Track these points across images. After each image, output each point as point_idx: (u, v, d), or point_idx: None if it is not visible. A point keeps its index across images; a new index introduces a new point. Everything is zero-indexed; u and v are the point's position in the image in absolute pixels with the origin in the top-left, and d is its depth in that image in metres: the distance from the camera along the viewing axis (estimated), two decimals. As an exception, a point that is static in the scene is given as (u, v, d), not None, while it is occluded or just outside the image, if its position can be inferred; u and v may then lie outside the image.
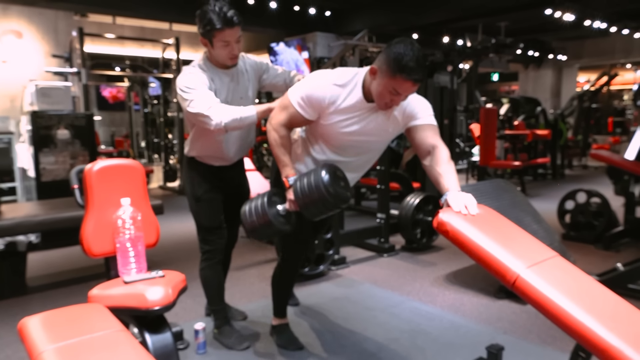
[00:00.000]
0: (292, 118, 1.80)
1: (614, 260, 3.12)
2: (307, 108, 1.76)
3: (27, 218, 2.86)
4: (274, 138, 1.82)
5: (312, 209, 1.73)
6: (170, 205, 5.45)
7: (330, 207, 1.73)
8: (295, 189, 1.74)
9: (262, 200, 1.81)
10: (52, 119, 4.23)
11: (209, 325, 2.36)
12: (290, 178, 1.79)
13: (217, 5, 1.91)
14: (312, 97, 1.74)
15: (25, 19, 6.72)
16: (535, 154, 7.62)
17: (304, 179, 1.73)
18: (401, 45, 1.60)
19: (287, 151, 1.83)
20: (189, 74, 1.98)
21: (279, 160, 1.84)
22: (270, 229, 1.81)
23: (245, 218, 1.82)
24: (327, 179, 1.68)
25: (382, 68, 1.64)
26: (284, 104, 1.81)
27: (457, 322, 2.51)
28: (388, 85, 1.64)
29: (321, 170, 1.71)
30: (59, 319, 1.46)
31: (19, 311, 2.68)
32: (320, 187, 1.67)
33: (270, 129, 1.83)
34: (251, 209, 1.81)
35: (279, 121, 1.81)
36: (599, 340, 1.14)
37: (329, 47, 8.32)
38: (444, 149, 1.73)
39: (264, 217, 1.78)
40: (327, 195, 1.67)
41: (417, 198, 3.78)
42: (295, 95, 1.77)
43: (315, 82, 1.77)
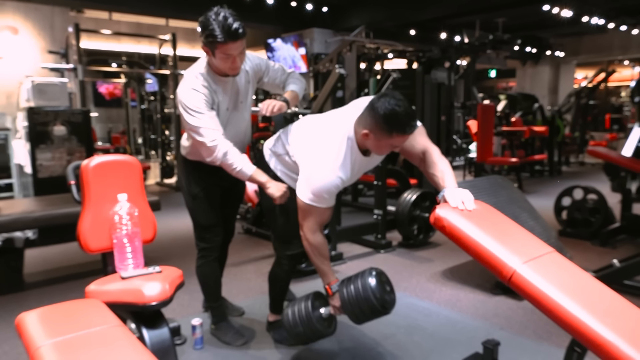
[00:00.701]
0: (319, 215, 1.80)
1: (610, 257, 3.13)
2: (323, 199, 1.76)
3: (24, 214, 2.86)
4: (309, 249, 1.84)
5: (360, 315, 1.75)
6: (167, 201, 5.44)
7: (378, 314, 1.75)
8: (342, 297, 1.76)
9: (305, 305, 1.83)
10: (48, 115, 4.21)
11: (206, 320, 2.36)
12: (333, 285, 1.82)
13: (221, 14, 1.78)
14: (323, 190, 1.74)
15: (21, 15, 6.68)
16: (532, 150, 7.63)
17: (350, 285, 1.75)
18: (385, 102, 1.59)
19: (325, 260, 1.85)
20: (192, 92, 1.90)
21: (318, 269, 1.86)
22: (314, 335, 1.84)
23: (289, 325, 1.84)
24: (375, 287, 1.70)
25: (374, 131, 1.64)
26: (303, 209, 1.80)
27: (454, 318, 2.52)
28: (386, 143, 1.67)
29: (368, 277, 1.72)
30: (56, 315, 1.46)
31: (16, 307, 2.68)
32: (368, 295, 1.69)
33: (305, 241, 1.83)
34: (294, 314, 1.83)
35: (309, 228, 1.81)
36: (594, 336, 1.15)
37: (326, 43, 8.30)
38: (434, 149, 1.76)
39: (308, 323, 1.80)
40: (375, 303, 1.69)
41: (414, 194, 3.79)
42: (306, 197, 1.76)
43: (317, 177, 1.74)
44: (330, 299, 1.83)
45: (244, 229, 4.29)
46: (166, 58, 7.01)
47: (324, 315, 1.84)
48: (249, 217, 4.38)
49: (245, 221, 4.41)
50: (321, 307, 1.85)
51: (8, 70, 6.48)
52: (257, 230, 4.17)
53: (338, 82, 3.28)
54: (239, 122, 2.13)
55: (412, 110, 1.64)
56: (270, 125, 7.19)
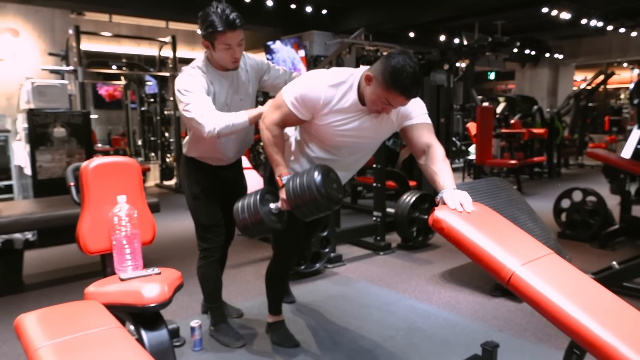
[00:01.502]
0: (286, 117, 1.79)
1: (609, 259, 3.14)
2: (300, 108, 1.75)
3: (23, 216, 2.86)
4: (267, 137, 1.81)
5: (304, 209, 1.73)
6: (166, 203, 5.45)
7: (322, 208, 1.72)
8: (288, 188, 1.73)
9: (254, 198, 1.80)
10: (48, 117, 4.22)
11: (205, 322, 2.36)
12: (284, 177, 1.79)
13: (220, 7, 1.87)
14: (306, 97, 1.73)
15: (22, 17, 6.70)
16: (531, 152, 7.64)
17: (296, 179, 1.72)
18: (400, 58, 1.58)
19: (280, 150, 1.83)
20: (188, 76, 1.96)
21: (272, 159, 1.83)
22: (261, 227, 1.81)
23: (238, 215, 1.82)
24: (320, 180, 1.67)
25: (377, 78, 1.63)
26: (278, 103, 1.80)
27: (453, 320, 2.52)
28: (382, 95, 1.63)
29: (314, 171, 1.70)
30: (55, 316, 1.46)
31: (15, 308, 2.67)
32: (312, 187, 1.67)
33: (263, 127, 1.82)
34: (243, 206, 1.81)
35: (272, 120, 1.80)
36: (593, 338, 1.15)
37: (326, 46, 8.32)
38: (439, 148, 1.73)
39: (255, 215, 1.78)
40: (318, 196, 1.67)
41: (413, 196, 3.79)
42: (289, 94, 1.76)
43: (309, 82, 1.75)
44: (280, 191, 1.80)
45: (244, 231, 4.29)
46: (166, 60, 7.03)
47: (274, 210, 1.82)
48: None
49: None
50: (271, 202, 1.83)
51: (8, 72, 6.50)
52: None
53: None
54: None
55: (420, 78, 1.61)
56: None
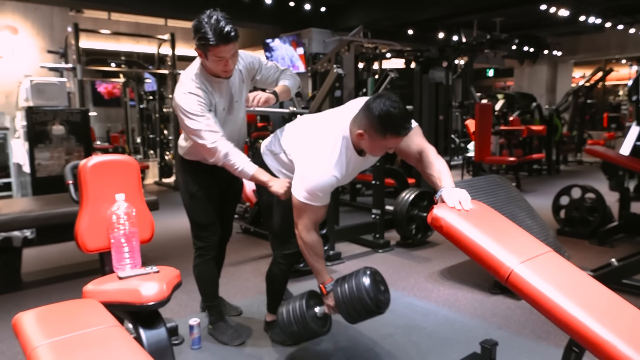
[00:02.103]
0: (312, 214, 1.79)
1: (608, 256, 3.14)
2: (318, 199, 1.76)
3: (22, 214, 2.85)
4: (304, 248, 1.84)
5: (354, 314, 1.75)
6: (165, 200, 5.44)
7: (372, 314, 1.74)
8: (337, 296, 1.76)
9: (299, 304, 1.83)
10: (47, 114, 4.21)
11: (203, 320, 2.36)
12: (327, 285, 1.82)
13: (214, 17, 1.79)
14: (318, 189, 1.74)
15: (21, 15, 6.67)
16: (530, 149, 7.64)
17: (344, 285, 1.75)
18: (380, 103, 1.59)
19: (319, 259, 1.85)
20: (189, 95, 1.90)
21: (312, 268, 1.86)
22: (309, 334, 1.84)
23: (284, 324, 1.83)
24: (369, 286, 1.69)
25: (369, 131, 1.64)
26: (298, 208, 1.80)
27: (452, 318, 2.52)
28: (380, 144, 1.67)
29: (362, 277, 1.72)
30: (53, 315, 1.46)
31: (13, 306, 2.67)
32: (362, 295, 1.69)
33: (300, 240, 1.84)
34: (289, 312, 1.83)
35: (304, 226, 1.80)
36: (592, 335, 1.15)
37: (324, 43, 8.30)
38: (430, 149, 1.77)
39: (303, 322, 1.80)
40: (369, 303, 1.69)
41: (412, 194, 3.79)
42: (300, 195, 1.76)
43: (313, 175, 1.74)
44: (325, 298, 1.83)
45: (242, 229, 4.29)
46: (165, 58, 7.01)
47: (319, 315, 1.84)
48: (247, 216, 4.37)
49: (243, 221, 4.40)
50: (316, 306, 1.85)
51: (7, 69, 6.48)
52: (255, 230, 4.17)
53: (336, 81, 3.28)
54: (234, 122, 2.13)
55: (407, 112, 1.64)
56: (268, 125, 7.19)
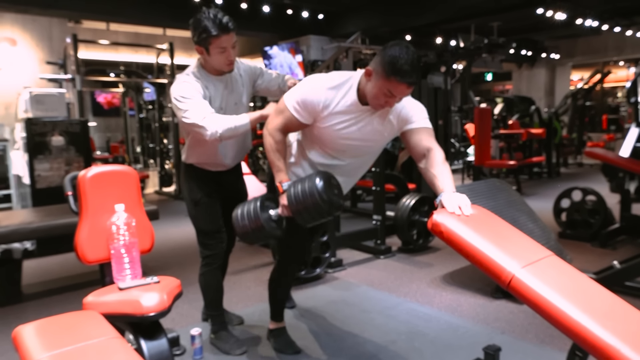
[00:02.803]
0: (288, 122, 1.80)
1: (610, 258, 3.13)
2: (302, 112, 1.77)
3: (22, 225, 2.85)
4: (269, 143, 1.83)
5: (305, 215, 1.73)
6: (166, 210, 5.43)
7: (323, 214, 1.73)
8: (289, 194, 1.74)
9: (254, 205, 1.80)
10: (46, 125, 4.21)
11: (205, 330, 2.35)
12: (284, 183, 1.79)
13: (211, 12, 1.90)
14: (306, 100, 1.75)
15: (20, 27, 6.71)
16: (530, 152, 7.65)
17: (297, 185, 1.73)
18: (396, 47, 1.61)
19: (282, 156, 1.84)
20: (183, 83, 1.98)
21: (273, 165, 1.84)
22: (261, 234, 1.80)
23: (237, 222, 1.81)
24: (321, 186, 1.68)
25: (377, 70, 1.64)
26: (280, 109, 1.82)
27: (455, 323, 2.51)
28: (383, 87, 1.64)
29: (315, 177, 1.71)
30: (53, 327, 1.45)
31: (14, 319, 2.66)
32: (314, 193, 1.67)
33: (266, 133, 1.83)
34: (243, 212, 1.81)
35: (274, 126, 1.82)
36: (595, 340, 1.14)
37: (323, 50, 8.33)
38: (439, 151, 1.74)
39: (256, 221, 1.78)
40: (320, 202, 1.67)
41: (413, 199, 3.79)
42: (291, 99, 1.78)
43: (309, 85, 1.78)
44: (280, 197, 1.80)
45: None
46: (164, 67, 7.04)
47: (274, 217, 1.82)
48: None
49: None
50: (270, 209, 1.83)
51: (6, 81, 6.50)
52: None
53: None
54: None
55: (417, 64, 1.63)
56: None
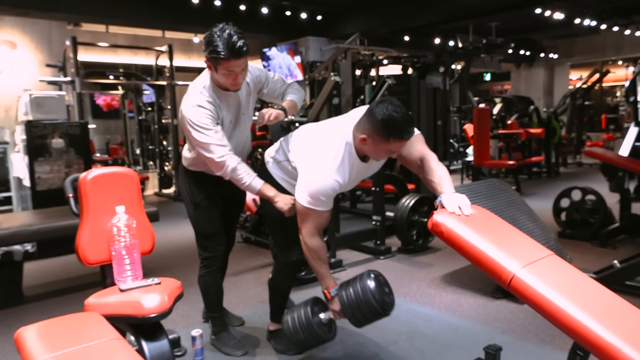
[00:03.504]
0: (316, 218, 1.81)
1: (610, 257, 3.13)
2: (321, 202, 1.78)
3: (22, 227, 2.85)
4: (307, 253, 1.85)
5: (360, 318, 1.76)
6: (165, 211, 5.44)
7: (378, 316, 1.75)
8: (342, 300, 1.76)
9: (305, 311, 1.83)
10: (46, 128, 4.22)
11: (206, 331, 2.35)
12: (331, 290, 1.83)
13: (227, 31, 1.81)
14: (320, 194, 1.76)
15: (19, 30, 6.71)
16: (529, 152, 7.65)
17: (349, 289, 1.75)
18: (383, 108, 1.62)
19: (323, 263, 1.86)
20: (198, 108, 1.92)
21: (316, 272, 1.87)
22: (315, 341, 1.85)
23: (290, 332, 1.84)
24: (375, 288, 1.70)
25: (372, 136, 1.67)
26: (301, 213, 1.82)
27: (455, 323, 2.51)
28: (383, 148, 1.69)
29: (366, 279, 1.73)
30: (55, 329, 1.45)
31: (15, 321, 2.66)
32: (368, 298, 1.70)
33: (304, 245, 1.85)
34: (294, 319, 1.83)
35: (308, 231, 1.82)
36: (596, 339, 1.14)
37: (321, 51, 8.34)
38: (431, 155, 1.77)
39: (309, 329, 1.81)
40: (375, 305, 1.70)
41: (412, 199, 3.79)
42: (304, 200, 1.78)
43: (315, 180, 1.77)
44: (330, 303, 1.83)
45: (243, 238, 4.29)
46: (163, 69, 7.04)
47: (324, 321, 1.84)
48: (248, 225, 4.37)
49: (244, 230, 4.40)
50: (321, 313, 1.85)
51: (6, 84, 6.50)
52: (256, 239, 4.17)
53: (334, 89, 3.30)
54: (241, 134, 2.15)
55: (410, 117, 1.66)
56: (267, 134, 7.20)
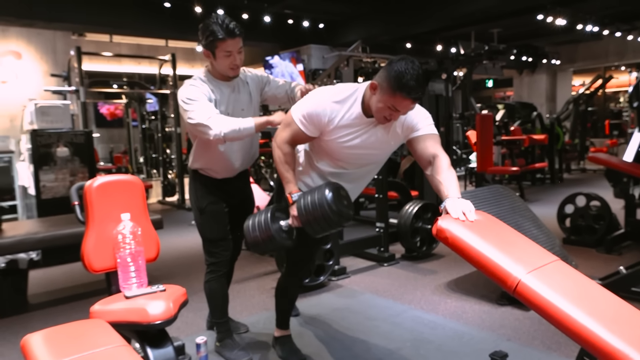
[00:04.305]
0: (295, 135, 1.83)
1: (616, 264, 3.12)
2: (308, 125, 1.79)
3: (27, 236, 2.86)
4: (277, 155, 1.86)
5: (315, 225, 1.75)
6: (169, 219, 5.44)
7: (333, 224, 1.75)
8: (299, 205, 1.76)
9: (265, 216, 1.83)
10: (51, 137, 4.25)
11: (210, 338, 2.35)
12: (294, 195, 1.81)
13: (219, 17, 1.98)
14: (312, 114, 1.78)
15: (24, 40, 6.79)
16: (532, 158, 7.64)
17: (307, 196, 1.75)
18: (402, 62, 1.62)
19: (290, 168, 1.86)
20: (190, 86, 2.03)
21: (282, 177, 1.86)
22: (272, 244, 1.83)
23: (248, 232, 1.84)
24: (331, 197, 1.70)
25: (382, 84, 1.67)
26: (287, 122, 1.85)
27: (460, 330, 2.50)
28: (387, 101, 1.66)
29: (325, 189, 1.73)
30: (61, 335, 1.45)
31: (20, 329, 2.66)
32: (323, 204, 1.70)
33: (275, 146, 1.86)
34: (254, 223, 1.83)
35: (282, 138, 1.85)
36: (603, 344, 1.13)
37: (323, 59, 8.39)
38: (445, 157, 1.75)
39: (266, 232, 1.80)
40: (330, 212, 1.69)
41: (416, 206, 3.79)
42: (297, 113, 1.81)
43: (315, 99, 1.81)
44: (290, 208, 1.82)
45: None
46: (166, 78, 7.09)
47: (284, 227, 1.83)
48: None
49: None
50: (281, 219, 1.85)
51: (12, 93, 6.57)
52: (260, 246, 4.16)
53: (337, 96, 3.30)
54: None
55: (423, 80, 1.64)
56: (269, 141, 7.22)
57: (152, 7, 6.65)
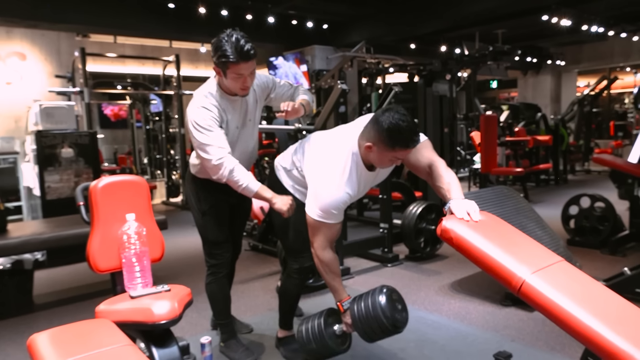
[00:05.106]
0: (327, 231, 1.83)
1: (620, 265, 3.10)
2: (332, 215, 1.79)
3: (33, 236, 2.88)
4: (322, 268, 1.86)
5: (370, 333, 1.76)
6: (173, 220, 5.46)
7: (389, 332, 1.76)
8: (353, 314, 1.77)
9: (318, 322, 1.84)
10: (56, 138, 4.27)
11: (215, 338, 2.36)
12: (344, 303, 1.84)
13: (235, 35, 1.85)
14: (332, 207, 1.78)
15: (29, 41, 6.82)
16: (537, 160, 7.61)
17: (360, 303, 1.76)
18: (389, 115, 1.63)
19: (336, 276, 1.87)
20: (202, 110, 1.93)
21: (330, 286, 1.89)
22: (327, 351, 1.85)
23: (302, 340, 1.85)
24: (385, 305, 1.71)
25: (377, 144, 1.68)
26: (312, 226, 1.84)
27: (464, 331, 2.50)
28: (388, 155, 1.71)
29: (378, 296, 1.73)
30: (67, 335, 1.46)
31: (26, 329, 2.68)
32: (378, 314, 1.70)
33: (316, 258, 1.87)
34: (307, 330, 1.85)
35: (319, 244, 1.84)
36: (608, 345, 1.13)
37: (327, 60, 8.40)
38: (440, 162, 1.77)
39: (321, 340, 1.82)
40: (385, 322, 1.70)
41: (420, 207, 3.78)
42: (314, 213, 1.80)
43: (325, 193, 1.78)
44: (343, 316, 1.83)
45: (251, 246, 4.29)
46: (170, 79, 7.11)
47: (337, 333, 1.84)
48: (255, 234, 4.38)
49: (251, 238, 4.41)
50: (334, 324, 1.85)
51: (16, 95, 6.59)
52: (263, 247, 4.17)
53: (340, 97, 3.31)
54: (247, 140, 2.17)
55: (415, 125, 1.67)
56: (273, 142, 7.24)
57: (156, 8, 6.67)
